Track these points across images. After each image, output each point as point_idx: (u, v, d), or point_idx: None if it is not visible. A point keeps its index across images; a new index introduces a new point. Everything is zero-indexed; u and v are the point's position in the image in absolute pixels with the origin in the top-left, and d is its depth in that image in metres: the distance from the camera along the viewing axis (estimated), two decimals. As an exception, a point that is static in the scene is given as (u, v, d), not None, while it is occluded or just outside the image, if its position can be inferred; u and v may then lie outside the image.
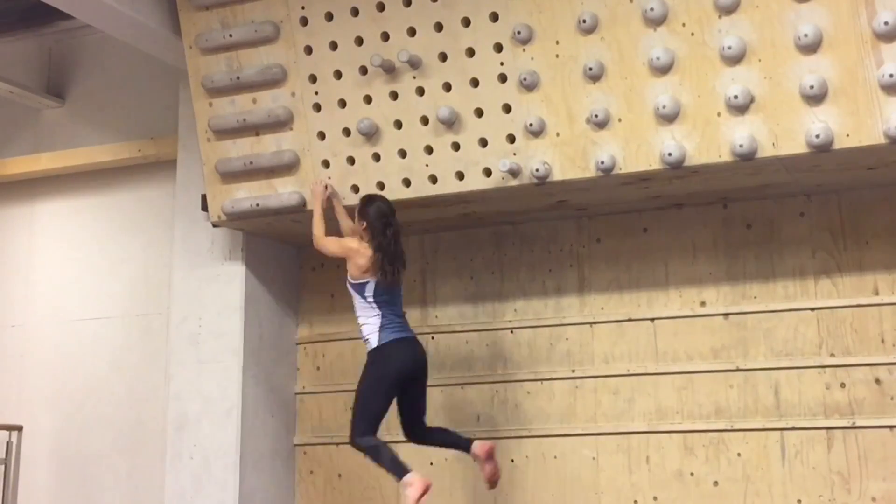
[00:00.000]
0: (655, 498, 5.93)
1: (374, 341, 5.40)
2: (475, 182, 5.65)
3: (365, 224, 5.45)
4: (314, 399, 6.82)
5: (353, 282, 5.48)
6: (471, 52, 5.59)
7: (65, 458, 7.31)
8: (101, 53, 7.64)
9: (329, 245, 5.62)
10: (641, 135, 5.33)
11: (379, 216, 5.43)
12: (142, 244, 7.42)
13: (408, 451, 6.43)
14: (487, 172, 5.61)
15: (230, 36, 6.04)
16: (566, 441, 6.15)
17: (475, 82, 5.60)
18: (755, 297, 5.92)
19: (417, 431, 5.59)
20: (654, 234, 6.19)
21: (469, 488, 6.31)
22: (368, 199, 5.54)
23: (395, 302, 5.50)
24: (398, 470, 5.28)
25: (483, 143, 5.63)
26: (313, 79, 5.93)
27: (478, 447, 5.50)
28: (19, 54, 7.78)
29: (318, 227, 5.68)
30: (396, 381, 5.40)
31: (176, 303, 6.69)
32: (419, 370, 5.50)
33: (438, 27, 5.63)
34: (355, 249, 5.46)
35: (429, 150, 5.71)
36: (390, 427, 5.65)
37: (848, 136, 4.97)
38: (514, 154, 5.55)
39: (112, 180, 7.58)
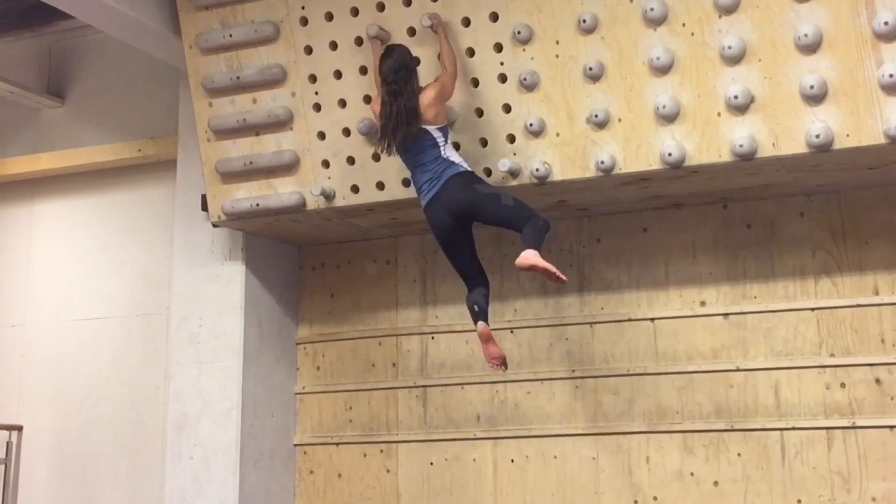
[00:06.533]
0: (655, 498, 5.93)
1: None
2: (475, 182, 5.66)
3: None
4: (314, 399, 6.81)
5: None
6: (471, 52, 5.59)
7: (65, 458, 7.31)
8: (101, 53, 7.63)
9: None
10: (641, 135, 5.33)
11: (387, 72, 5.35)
12: (142, 244, 7.41)
13: (409, 450, 6.47)
14: (487, 172, 5.60)
15: (230, 36, 6.03)
16: (566, 441, 6.15)
17: (475, 82, 5.60)
18: (755, 297, 5.92)
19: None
20: (654, 234, 6.19)
21: (469, 488, 6.31)
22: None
23: (415, 161, 5.36)
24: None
25: (483, 143, 5.63)
26: (313, 79, 5.93)
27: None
28: (19, 54, 7.77)
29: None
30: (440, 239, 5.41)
31: (176, 303, 6.69)
32: (450, 218, 5.31)
33: (438, 27, 5.63)
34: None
35: (429, 150, 5.71)
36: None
37: (848, 136, 4.97)
38: (514, 154, 5.55)
39: (112, 180, 7.57)
